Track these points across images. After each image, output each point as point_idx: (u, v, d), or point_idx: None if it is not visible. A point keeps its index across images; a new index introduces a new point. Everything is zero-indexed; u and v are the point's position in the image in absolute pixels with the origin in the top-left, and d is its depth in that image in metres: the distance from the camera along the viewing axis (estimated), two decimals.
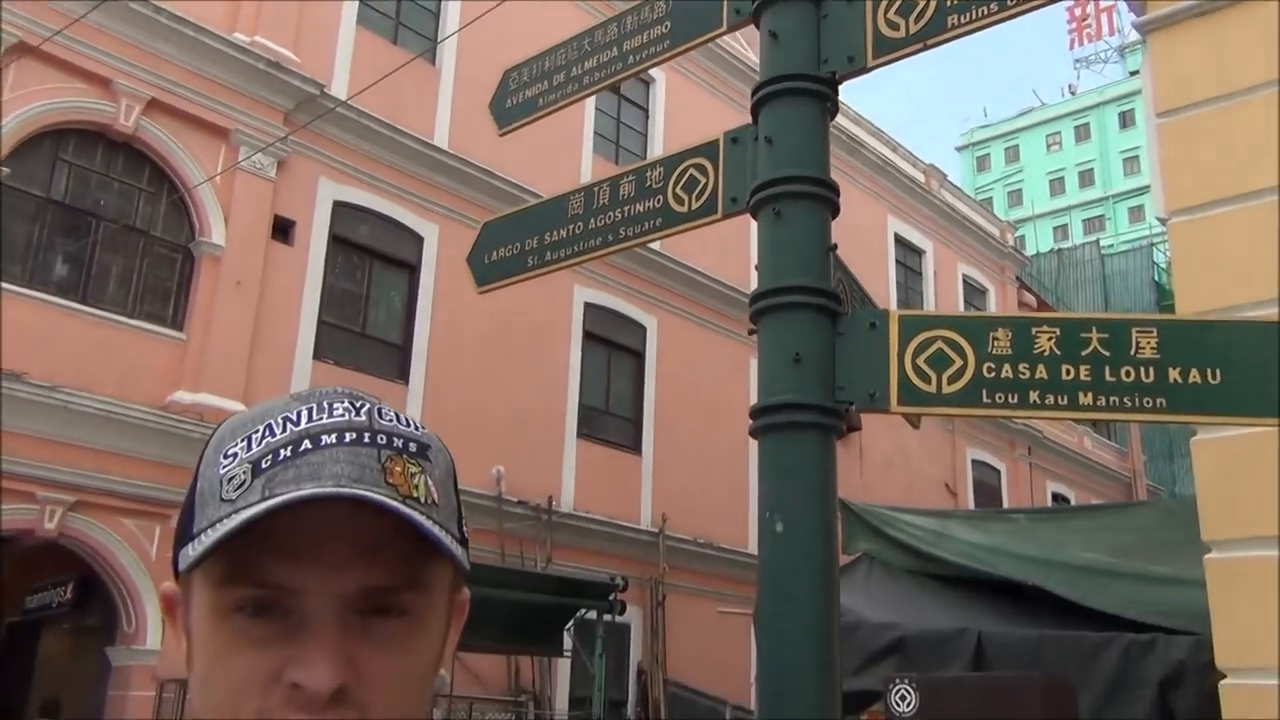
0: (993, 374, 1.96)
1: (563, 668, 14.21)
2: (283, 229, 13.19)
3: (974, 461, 23.21)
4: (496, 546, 13.69)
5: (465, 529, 0.84)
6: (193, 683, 0.77)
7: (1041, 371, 1.92)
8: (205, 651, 0.76)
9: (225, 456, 0.77)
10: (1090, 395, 1.87)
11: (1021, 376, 1.94)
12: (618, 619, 11.89)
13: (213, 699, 0.75)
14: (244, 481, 0.74)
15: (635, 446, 16.88)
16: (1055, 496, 24.54)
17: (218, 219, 12.42)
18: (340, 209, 13.87)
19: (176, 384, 11.77)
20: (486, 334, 14.67)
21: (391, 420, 0.79)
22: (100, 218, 11.76)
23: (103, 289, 11.72)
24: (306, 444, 0.75)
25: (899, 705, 3.45)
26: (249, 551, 0.73)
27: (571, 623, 11.74)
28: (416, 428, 0.80)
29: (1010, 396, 1.93)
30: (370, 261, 14.30)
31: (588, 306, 16.59)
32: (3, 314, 10.71)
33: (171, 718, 10.74)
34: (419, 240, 14.66)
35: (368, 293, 14.21)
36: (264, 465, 0.74)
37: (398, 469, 0.75)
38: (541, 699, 13.88)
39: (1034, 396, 1.91)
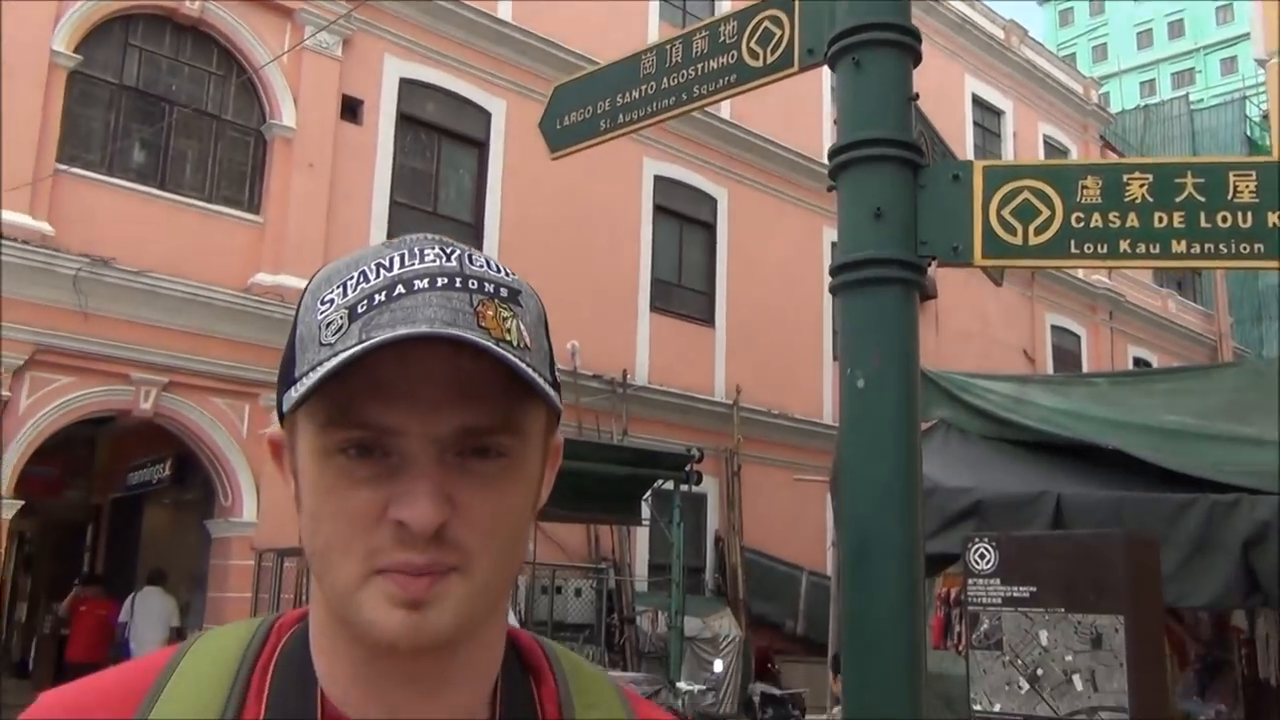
0: (1081, 223, 1.90)
1: (641, 536, 14.55)
2: (351, 109, 13.20)
3: (1053, 327, 22.82)
4: (574, 420, 13.91)
5: (557, 374, 0.85)
6: (302, 521, 0.81)
7: (1133, 220, 1.86)
8: (312, 492, 0.79)
9: (322, 303, 0.78)
10: (1184, 243, 1.81)
11: (1111, 225, 1.88)
12: (694, 489, 12.08)
13: (320, 536, 0.78)
14: (341, 326, 0.75)
15: (708, 319, 16.88)
16: (1137, 361, 24.09)
17: (287, 100, 12.46)
18: (407, 86, 13.79)
19: (256, 266, 12.00)
20: (557, 211, 14.64)
21: (482, 266, 0.80)
22: (173, 103, 11.86)
23: (180, 174, 11.90)
24: (400, 289, 0.76)
25: (978, 564, 3.47)
26: (350, 394, 0.74)
27: (649, 493, 11.96)
28: (507, 273, 0.81)
29: (1099, 246, 1.88)
30: (439, 139, 14.27)
31: (657, 180, 16.42)
32: (86, 202, 10.96)
33: (270, 584, 11.25)
34: (486, 116, 14.57)
35: (437, 171, 14.23)
36: (360, 310, 0.75)
37: (490, 313, 0.76)
38: (621, 566, 14.26)
39: (1124, 245, 1.85)
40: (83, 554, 16.77)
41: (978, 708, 3.37)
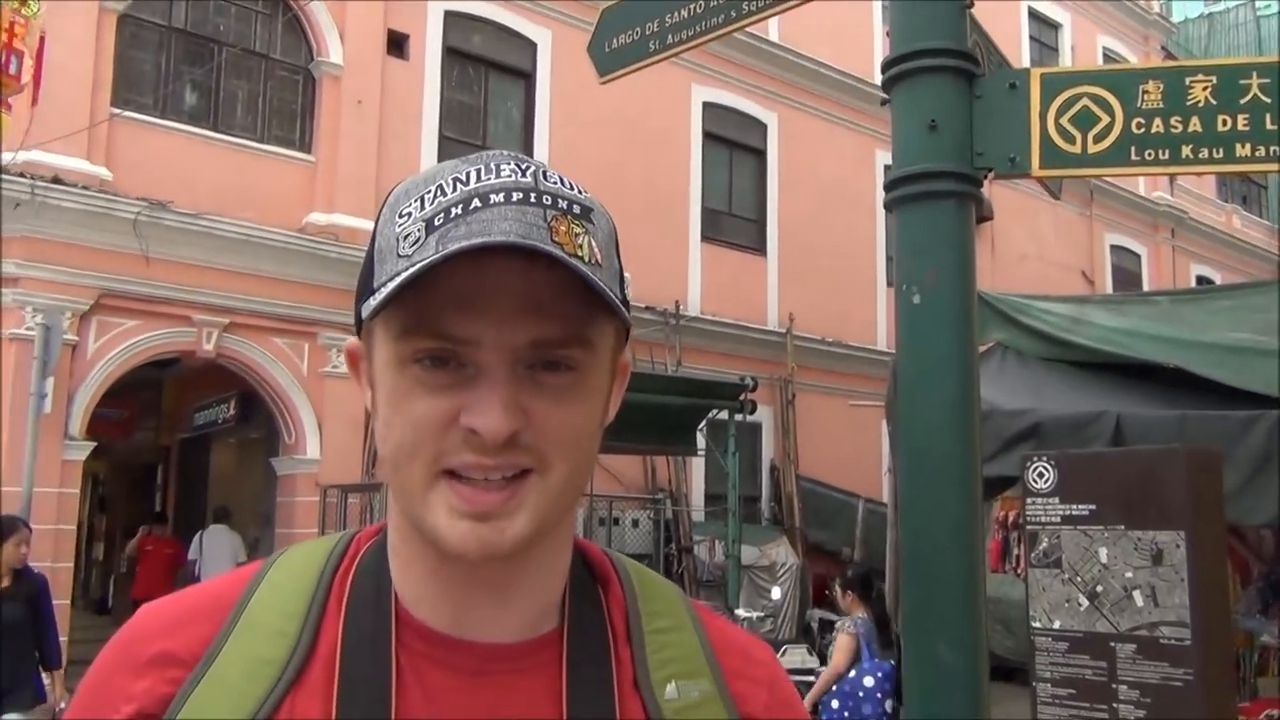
0: (1142, 130, 1.86)
1: (697, 466, 14.63)
2: (397, 43, 13.15)
3: (1113, 247, 22.34)
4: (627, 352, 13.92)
5: (627, 292, 0.87)
6: (377, 429, 0.84)
7: (1195, 124, 1.82)
8: (388, 400, 0.81)
9: (400, 216, 0.80)
10: (1248, 146, 1.76)
11: (1174, 130, 1.83)
12: (749, 418, 12.08)
13: (391, 441, 0.81)
14: (418, 238, 0.77)
15: (760, 247, 16.75)
16: (1200, 280, 23.54)
17: (333, 37, 12.44)
18: (452, 19, 13.70)
19: (310, 206, 12.10)
20: (605, 141, 14.54)
21: (556, 182, 0.81)
22: (221, 43, 11.90)
23: (232, 115, 11.98)
24: (476, 203, 0.77)
25: (1036, 482, 3.45)
26: (426, 305, 0.77)
27: (704, 423, 11.99)
28: (579, 191, 0.82)
29: (1160, 152, 1.84)
30: (486, 72, 14.20)
31: (706, 106, 16.22)
32: (141, 145, 11.09)
33: (335, 520, 11.50)
34: (532, 47, 14.44)
35: (485, 105, 14.17)
36: (437, 223, 0.77)
37: (562, 228, 0.77)
38: (678, 496, 14.37)
39: (1186, 151, 1.81)
40: (154, 494, 17.27)
41: (1036, 625, 3.38)
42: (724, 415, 11.71)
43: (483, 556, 0.79)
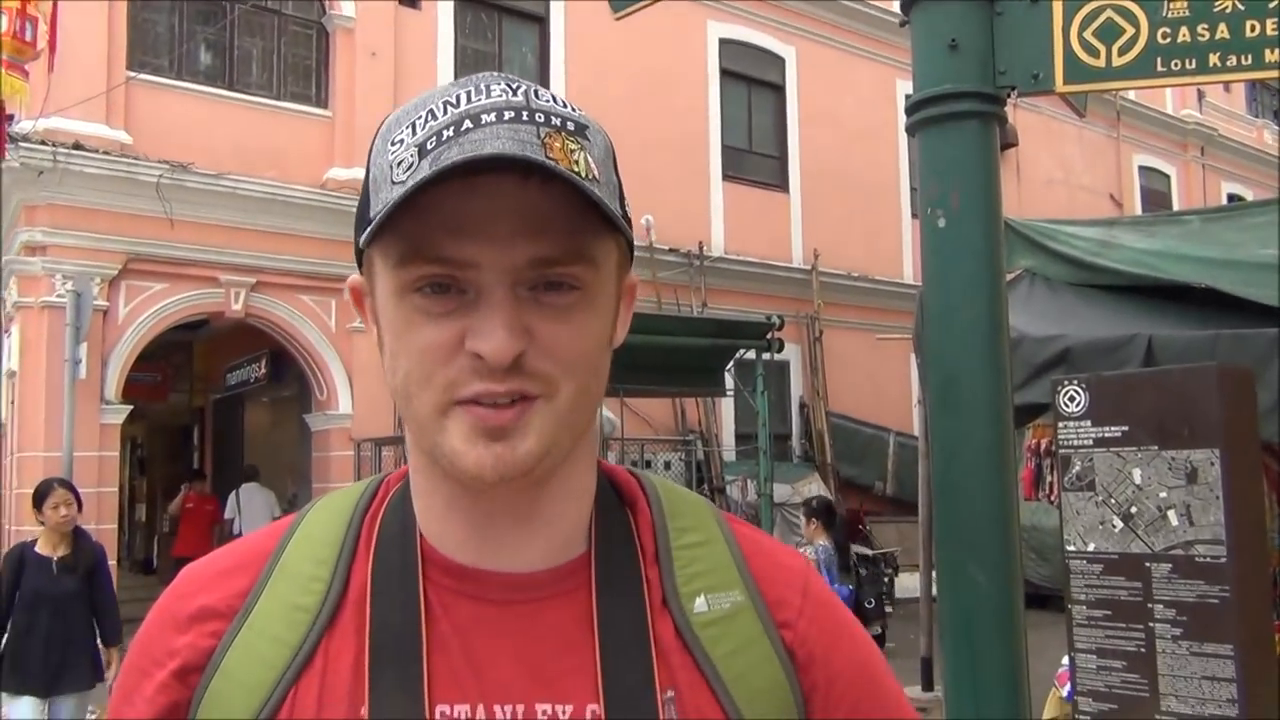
0: (1168, 39, 1.82)
1: (726, 406, 14.65)
2: None
3: (1141, 168, 21.99)
4: (652, 295, 13.92)
5: (628, 209, 0.86)
6: (385, 363, 0.84)
7: (1223, 31, 1.77)
8: (391, 332, 0.82)
9: (392, 144, 0.80)
10: (1278, 51, 1.72)
11: (1200, 39, 1.79)
12: (776, 357, 12.05)
13: (400, 373, 0.81)
14: (412, 164, 0.76)
15: (782, 184, 16.61)
16: (1231, 198, 23.15)
17: None
18: None
19: (330, 161, 12.09)
20: (622, 83, 14.40)
21: (549, 100, 0.80)
22: (233, 0, 11.84)
23: (247, 74, 11.95)
24: (468, 123, 0.76)
25: (1068, 406, 3.43)
26: (422, 229, 0.76)
27: (731, 363, 11.98)
28: (573, 109, 0.81)
29: (1188, 61, 1.79)
30: (499, 17, 14.06)
31: (723, 43, 16.01)
32: (159, 108, 11.09)
33: (370, 473, 11.62)
34: None
35: (500, 51, 14.05)
36: (429, 146, 0.76)
37: (557, 144, 0.76)
38: (708, 437, 14.42)
39: (1214, 59, 1.77)
40: (191, 454, 17.51)
41: (1071, 548, 3.39)
42: (751, 355, 11.69)
43: (499, 477, 0.79)
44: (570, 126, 0.79)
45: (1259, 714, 2.77)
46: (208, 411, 17.11)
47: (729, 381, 12.22)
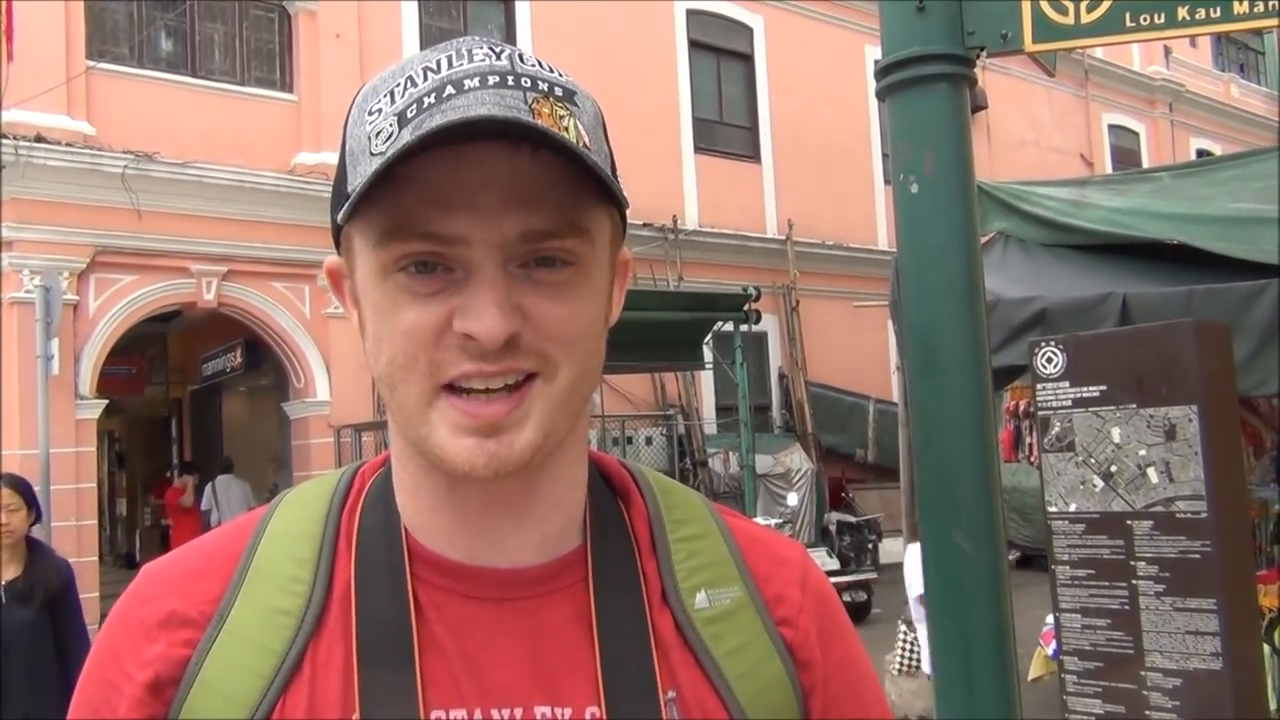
0: None
1: (706, 380, 14.68)
2: None
3: (1110, 127, 22.07)
4: None
5: (619, 179, 0.81)
6: (367, 348, 0.79)
7: None
8: (374, 314, 0.77)
9: (370, 114, 0.75)
10: (1246, 2, 1.71)
11: None
12: (754, 328, 12.07)
13: (384, 357, 0.76)
14: (391, 134, 0.71)
15: (754, 155, 16.57)
16: (1200, 153, 23.27)
17: None
18: None
19: (297, 146, 11.97)
20: (589, 57, 14.28)
21: (534, 65, 0.76)
22: None
23: (210, 60, 11.79)
24: (450, 89, 0.71)
25: (1045, 367, 3.44)
26: (405, 203, 0.72)
27: (709, 336, 11.98)
28: (560, 74, 0.77)
29: (1156, 17, 1.78)
30: None
31: (690, 14, 15.92)
32: (121, 97, 10.93)
33: (351, 459, 11.58)
34: None
35: (465, 29, 13.91)
36: (410, 115, 0.71)
37: (545, 110, 0.72)
38: (689, 411, 14.44)
39: (1182, 13, 1.75)
40: (170, 447, 17.41)
41: (1052, 509, 3.40)
42: (729, 327, 11.69)
43: (492, 473, 0.74)
44: (558, 92, 0.75)
45: (1242, 666, 2.80)
46: (185, 403, 17.00)
47: (708, 354, 12.23)
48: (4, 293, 10.19)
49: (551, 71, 0.77)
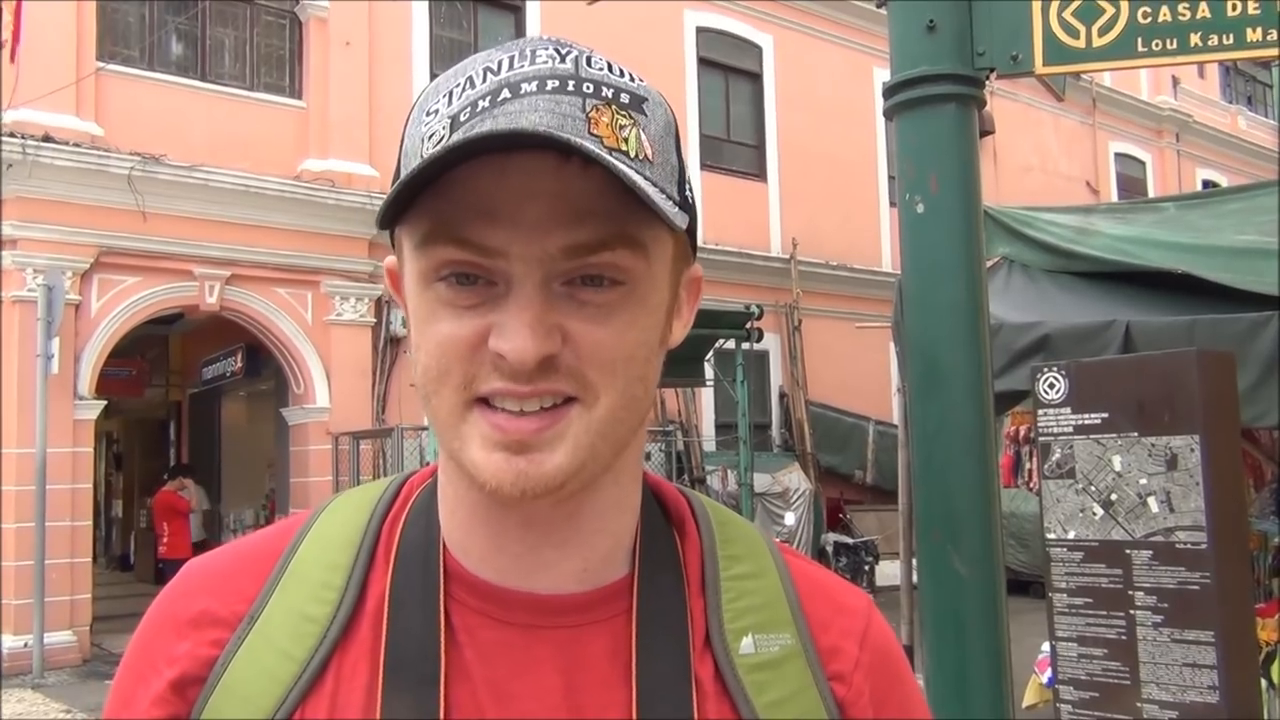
0: (1148, 19, 1.79)
1: (706, 397, 14.65)
2: None
3: (1117, 155, 22.10)
4: None
5: (689, 194, 0.76)
6: (411, 355, 0.77)
7: (1203, 10, 1.75)
8: (415, 320, 0.75)
9: (427, 114, 0.72)
10: (1259, 30, 1.69)
11: (1181, 18, 1.76)
12: (756, 346, 12.06)
13: (421, 366, 0.74)
14: (442, 137, 0.69)
15: (760, 173, 16.59)
16: (1206, 184, 23.29)
17: None
18: None
19: (304, 153, 11.98)
20: None
21: (603, 69, 0.73)
22: None
23: (220, 64, 11.82)
24: (506, 93, 0.69)
25: (1047, 393, 3.43)
26: (448, 209, 0.69)
27: (711, 353, 11.97)
28: (632, 78, 0.74)
29: (1168, 42, 1.77)
30: (474, 7, 13.95)
31: (700, 31, 15.96)
32: (130, 99, 10.96)
33: (349, 466, 11.56)
34: None
35: (475, 41, 13.95)
36: (462, 118, 0.69)
37: (604, 119, 0.69)
38: (688, 427, 14.41)
39: (1195, 39, 1.74)
40: (168, 449, 17.39)
41: (1051, 536, 3.38)
42: (731, 344, 11.68)
43: (520, 493, 0.70)
44: (624, 99, 0.71)
45: (1239, 700, 2.77)
46: (184, 406, 16.99)
47: (709, 371, 12.21)
48: (6, 291, 10.18)
49: (622, 76, 0.74)
